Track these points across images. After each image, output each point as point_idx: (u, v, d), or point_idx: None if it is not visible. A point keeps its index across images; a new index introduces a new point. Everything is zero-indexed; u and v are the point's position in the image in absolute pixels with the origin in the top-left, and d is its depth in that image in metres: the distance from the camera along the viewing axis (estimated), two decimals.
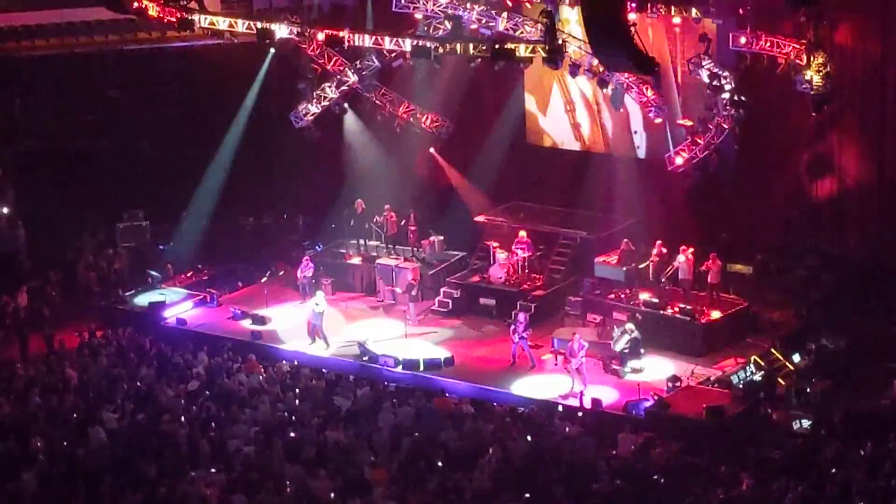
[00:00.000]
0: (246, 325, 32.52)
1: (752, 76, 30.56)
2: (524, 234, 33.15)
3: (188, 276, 35.51)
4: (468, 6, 31.37)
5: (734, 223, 33.52)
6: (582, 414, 26.88)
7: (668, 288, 31.16)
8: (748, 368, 28.53)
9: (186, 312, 33.29)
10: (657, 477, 22.86)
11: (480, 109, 36.52)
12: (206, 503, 22.10)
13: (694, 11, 30.28)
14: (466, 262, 34.47)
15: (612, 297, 31.39)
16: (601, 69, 30.00)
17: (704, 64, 30.51)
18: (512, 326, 29.95)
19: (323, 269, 34.51)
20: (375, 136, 36.64)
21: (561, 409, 27.15)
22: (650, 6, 29.71)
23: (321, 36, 31.75)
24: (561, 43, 29.64)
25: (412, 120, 35.78)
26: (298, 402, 26.84)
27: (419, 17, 32.29)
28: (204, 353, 29.66)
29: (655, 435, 24.83)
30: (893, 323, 29.73)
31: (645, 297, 30.85)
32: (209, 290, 34.29)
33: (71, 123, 38.16)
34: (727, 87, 30.19)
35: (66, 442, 24.94)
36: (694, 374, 28.43)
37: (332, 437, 24.68)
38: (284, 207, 38.71)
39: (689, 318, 29.97)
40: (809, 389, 27.43)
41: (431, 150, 36.63)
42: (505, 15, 31.25)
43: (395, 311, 33.27)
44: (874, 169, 31.96)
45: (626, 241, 31.84)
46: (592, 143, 35.32)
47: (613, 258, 32.02)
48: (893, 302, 30.27)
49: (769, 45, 29.71)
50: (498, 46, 29.94)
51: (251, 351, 30.36)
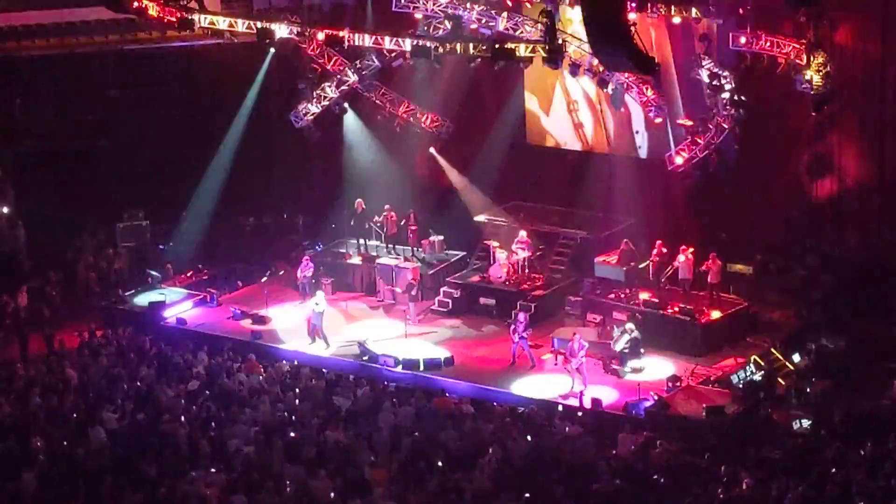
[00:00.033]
0: (246, 324, 32.54)
1: (752, 76, 30.57)
2: (524, 234, 33.14)
3: (188, 275, 35.50)
4: (468, 6, 31.37)
5: (734, 223, 33.52)
6: (582, 414, 26.87)
7: (668, 288, 31.18)
8: (748, 368, 28.49)
9: (186, 312, 33.29)
10: (657, 477, 22.84)
11: (480, 109, 36.51)
12: (206, 503, 22.10)
13: (694, 11, 30.29)
14: (466, 262, 34.49)
15: (612, 297, 31.37)
16: (601, 69, 30.01)
17: (704, 64, 30.56)
18: (512, 326, 29.94)
19: (323, 268, 34.53)
20: (375, 136, 36.64)
21: (561, 409, 27.15)
22: (650, 6, 29.72)
23: (321, 36, 31.72)
24: (561, 43, 29.64)
25: (412, 120, 35.77)
26: (298, 402, 26.82)
27: (419, 16, 32.28)
28: (204, 352, 29.65)
29: (655, 435, 24.81)
30: (893, 323, 29.71)
31: (645, 297, 30.84)
32: (209, 289, 34.30)
33: (71, 123, 38.13)
34: (727, 86, 30.23)
35: (66, 442, 24.92)
36: (694, 373, 28.44)
37: (332, 437, 24.66)
38: (284, 207, 38.70)
39: (689, 318, 29.95)
40: (809, 389, 27.42)
41: (431, 150, 36.60)
42: (505, 15, 31.26)
43: (395, 310, 33.28)
44: (874, 169, 31.98)
45: (626, 241, 31.87)
46: (596, 143, 35.30)
47: (613, 258, 32.05)
48: (893, 302, 30.28)
49: (769, 44, 29.72)
50: (498, 46, 29.92)
51: (251, 351, 30.35)
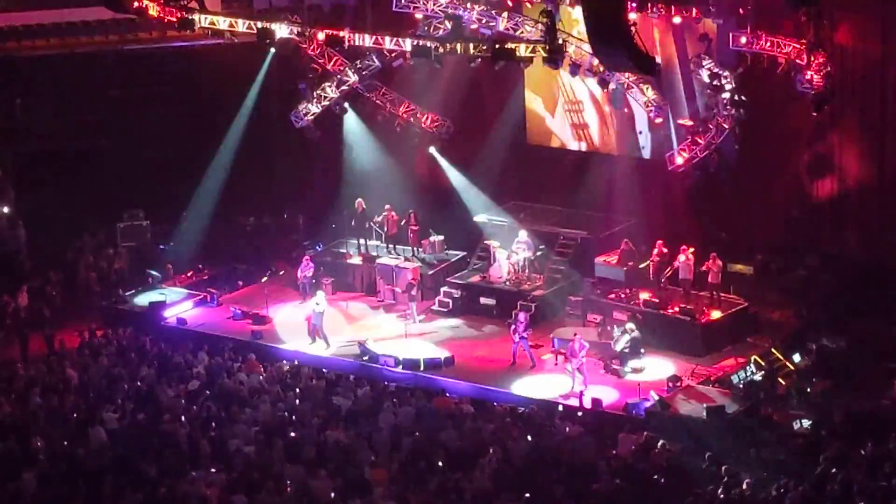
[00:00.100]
0: (246, 324, 32.54)
1: (752, 76, 30.57)
2: (524, 233, 33.15)
3: (188, 275, 35.51)
4: (468, 6, 31.36)
5: (734, 223, 33.49)
6: (582, 414, 26.87)
7: (668, 288, 31.17)
8: (748, 368, 28.51)
9: (187, 312, 33.31)
10: (657, 477, 22.84)
11: (481, 109, 36.49)
12: (206, 503, 22.09)
13: (694, 11, 30.28)
14: (466, 262, 34.48)
15: (612, 297, 31.37)
16: (602, 69, 30.01)
17: (705, 64, 30.57)
18: (512, 326, 29.94)
19: (323, 268, 34.55)
20: (376, 136, 36.62)
21: (561, 409, 27.15)
22: (650, 6, 29.72)
23: (321, 36, 31.72)
24: (561, 43, 29.64)
25: (412, 120, 35.77)
26: (299, 401, 26.82)
27: (419, 16, 32.29)
28: (204, 352, 29.65)
29: (655, 435, 24.81)
30: (893, 323, 29.70)
31: (645, 297, 30.85)
32: (209, 289, 34.30)
33: (71, 123, 38.14)
34: (727, 86, 30.23)
35: (66, 442, 24.92)
36: (694, 373, 28.43)
37: (332, 436, 24.66)
38: (284, 207, 38.70)
39: (689, 318, 29.95)
40: (810, 389, 27.44)
41: (431, 149, 36.61)
42: (505, 15, 31.25)
43: (395, 310, 33.29)
44: (874, 169, 31.95)
45: (625, 241, 31.86)
46: (602, 143, 35.19)
47: (613, 258, 32.05)
48: (893, 302, 30.26)
49: (769, 44, 29.70)
50: (498, 46, 29.90)
51: (251, 351, 30.36)
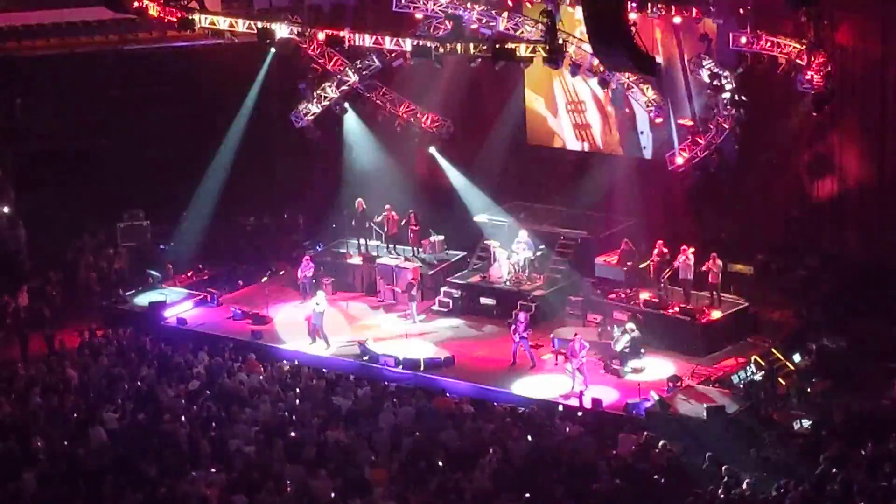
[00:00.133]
0: (246, 324, 32.54)
1: (752, 76, 30.57)
2: (524, 233, 33.15)
3: (188, 275, 35.52)
4: (468, 6, 31.36)
5: (734, 223, 33.50)
6: (582, 414, 26.86)
7: (668, 288, 31.17)
8: (749, 368, 28.50)
9: (187, 312, 33.31)
10: (657, 477, 22.84)
11: (481, 109, 36.51)
12: (206, 503, 22.09)
13: (694, 11, 30.28)
14: (467, 262, 34.48)
15: (612, 297, 31.37)
16: (602, 69, 30.00)
17: (705, 64, 30.57)
18: (512, 326, 29.94)
19: (323, 268, 34.56)
20: (376, 136, 36.62)
21: (561, 409, 27.15)
22: (650, 6, 29.71)
23: (322, 36, 31.72)
24: (561, 43, 29.64)
25: (412, 120, 35.76)
26: (299, 401, 26.82)
27: (419, 16, 32.28)
28: (204, 352, 29.65)
29: (655, 435, 24.81)
30: (893, 323, 29.70)
31: (645, 297, 30.85)
32: (209, 289, 34.32)
33: (71, 123, 38.13)
34: (727, 86, 30.23)
35: (66, 442, 24.92)
36: (694, 373, 28.42)
37: (332, 436, 24.65)
38: (284, 207, 38.71)
39: (689, 318, 29.96)
40: (810, 389, 27.44)
41: (431, 149, 36.60)
42: (505, 15, 31.26)
43: (395, 310, 33.28)
44: (874, 169, 31.95)
45: (626, 241, 31.86)
46: (604, 144, 35.16)
47: (614, 258, 32.07)
48: (893, 302, 30.26)
49: (769, 44, 29.71)
50: (498, 46, 29.88)
51: (251, 351, 30.36)
